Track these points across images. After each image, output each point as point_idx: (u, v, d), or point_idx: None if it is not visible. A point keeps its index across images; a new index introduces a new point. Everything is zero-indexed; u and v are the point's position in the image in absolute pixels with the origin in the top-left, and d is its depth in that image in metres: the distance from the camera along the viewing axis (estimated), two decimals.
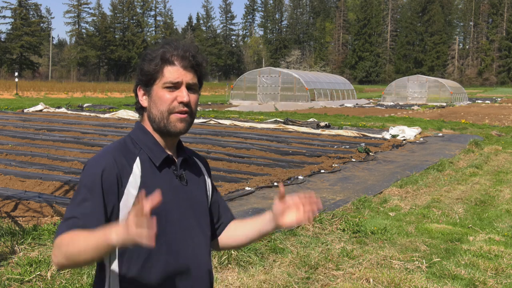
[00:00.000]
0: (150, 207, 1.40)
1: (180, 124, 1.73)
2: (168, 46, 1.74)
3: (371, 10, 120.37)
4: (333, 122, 21.22)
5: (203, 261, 1.80)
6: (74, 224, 1.57)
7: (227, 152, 12.07)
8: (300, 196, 1.78)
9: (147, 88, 1.75)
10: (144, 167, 1.71)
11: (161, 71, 1.72)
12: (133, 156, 1.72)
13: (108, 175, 1.65)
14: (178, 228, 1.74)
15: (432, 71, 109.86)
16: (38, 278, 4.36)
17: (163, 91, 1.72)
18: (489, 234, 6.33)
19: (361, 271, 4.86)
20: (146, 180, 1.70)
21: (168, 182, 1.75)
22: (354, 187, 8.85)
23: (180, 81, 1.72)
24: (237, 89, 39.62)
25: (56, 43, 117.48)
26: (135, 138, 1.77)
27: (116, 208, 1.66)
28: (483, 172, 10.86)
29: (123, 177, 1.67)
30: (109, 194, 1.64)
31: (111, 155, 1.70)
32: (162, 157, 1.74)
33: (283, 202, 1.78)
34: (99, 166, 1.66)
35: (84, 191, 1.64)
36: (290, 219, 1.78)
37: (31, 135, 14.18)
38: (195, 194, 1.83)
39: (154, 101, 1.74)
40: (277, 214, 1.80)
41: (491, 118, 25.71)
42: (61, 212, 6.34)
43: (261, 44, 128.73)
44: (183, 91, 1.72)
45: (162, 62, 1.72)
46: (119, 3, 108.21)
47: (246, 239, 1.95)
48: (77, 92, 50.02)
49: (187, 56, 1.73)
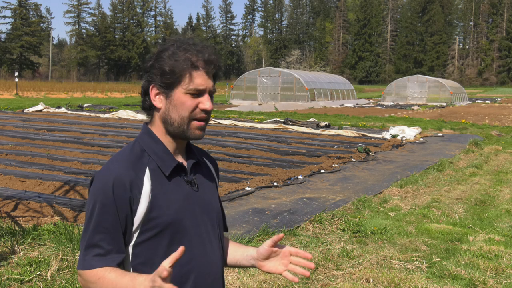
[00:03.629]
0: (172, 264, 1.42)
1: (200, 132, 1.69)
2: (190, 47, 1.67)
3: (371, 10, 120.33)
4: (333, 122, 21.22)
5: (217, 266, 1.78)
6: (97, 255, 1.60)
7: (227, 152, 12.07)
8: (293, 250, 1.76)
9: (167, 90, 1.67)
10: (153, 178, 1.66)
11: (187, 76, 1.65)
12: (143, 167, 1.66)
13: (118, 193, 1.61)
14: (192, 236, 1.71)
15: (432, 71, 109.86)
16: (38, 278, 4.36)
17: (186, 97, 1.65)
18: (489, 234, 6.33)
19: (361, 271, 4.86)
20: (156, 192, 1.66)
21: (178, 189, 1.70)
22: (354, 187, 8.84)
23: (205, 88, 1.66)
24: (237, 89, 39.61)
25: (56, 43, 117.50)
26: (144, 146, 1.71)
27: (130, 224, 1.64)
28: (483, 172, 10.86)
29: (134, 194, 1.63)
30: (122, 211, 1.62)
31: (120, 169, 1.64)
32: (172, 166, 1.69)
33: (273, 246, 1.76)
34: (108, 182, 1.62)
35: (98, 211, 1.61)
36: (273, 267, 1.77)
37: (31, 135, 14.18)
38: (207, 198, 1.79)
39: (174, 105, 1.67)
40: (261, 256, 1.78)
41: (491, 118, 25.70)
42: (61, 212, 6.34)
43: (261, 44, 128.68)
44: (206, 98, 1.67)
45: (189, 66, 1.65)
46: (119, 3, 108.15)
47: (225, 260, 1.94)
48: (77, 92, 50.02)
49: (212, 60, 1.67)
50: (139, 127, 17.40)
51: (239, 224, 6.20)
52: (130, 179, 1.62)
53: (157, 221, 1.64)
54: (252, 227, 6.10)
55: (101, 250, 1.60)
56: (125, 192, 1.61)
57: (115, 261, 1.61)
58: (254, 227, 6.12)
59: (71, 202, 6.75)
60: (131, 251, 1.67)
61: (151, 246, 1.64)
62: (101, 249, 1.60)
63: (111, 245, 1.61)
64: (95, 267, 1.59)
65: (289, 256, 1.77)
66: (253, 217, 6.55)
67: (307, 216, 6.69)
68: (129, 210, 1.62)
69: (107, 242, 1.61)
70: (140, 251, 1.65)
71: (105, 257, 1.60)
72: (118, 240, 1.62)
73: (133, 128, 17.09)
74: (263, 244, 1.79)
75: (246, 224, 6.24)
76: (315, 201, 7.64)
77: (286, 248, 1.78)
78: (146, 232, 1.64)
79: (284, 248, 1.78)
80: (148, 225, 1.64)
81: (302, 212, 6.94)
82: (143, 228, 1.64)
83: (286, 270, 1.76)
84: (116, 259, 1.61)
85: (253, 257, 1.82)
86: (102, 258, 1.60)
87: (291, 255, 1.77)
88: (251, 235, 5.68)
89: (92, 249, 1.61)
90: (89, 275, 1.59)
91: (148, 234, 1.64)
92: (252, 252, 1.83)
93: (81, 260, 1.62)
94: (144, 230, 1.64)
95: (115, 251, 1.61)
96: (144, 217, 1.63)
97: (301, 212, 6.90)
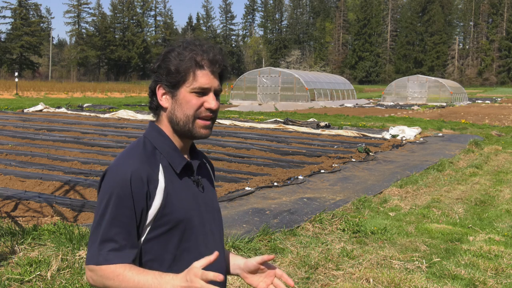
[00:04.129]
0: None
1: (205, 131, 1.71)
2: (196, 47, 1.69)
3: (371, 10, 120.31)
4: (333, 122, 21.22)
5: (221, 265, 1.79)
6: (112, 249, 1.58)
7: (227, 152, 12.07)
8: (279, 272, 1.78)
9: (172, 90, 1.69)
10: (166, 175, 1.68)
11: (191, 74, 1.67)
12: (156, 163, 1.67)
13: (136, 187, 1.61)
14: (199, 234, 1.72)
15: (432, 71, 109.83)
16: (38, 278, 4.36)
17: (191, 95, 1.67)
18: (489, 234, 6.33)
19: (361, 271, 4.86)
20: (169, 189, 1.67)
21: (187, 188, 1.73)
22: (354, 187, 8.84)
23: (209, 87, 1.68)
24: (237, 89, 39.62)
25: (56, 43, 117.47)
26: (154, 142, 1.71)
27: (144, 219, 1.64)
28: (483, 172, 10.86)
29: (151, 189, 1.63)
30: (139, 205, 1.62)
31: (136, 163, 1.64)
32: (182, 163, 1.71)
33: (262, 264, 1.78)
34: (126, 175, 1.61)
35: (114, 204, 1.60)
36: (255, 282, 1.79)
37: (31, 135, 14.18)
38: (210, 198, 1.82)
39: (180, 104, 1.68)
40: (247, 269, 1.80)
41: (491, 118, 25.70)
42: (61, 212, 6.34)
43: (261, 44, 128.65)
44: (211, 97, 1.69)
45: (193, 65, 1.67)
46: (119, 3, 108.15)
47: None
48: (77, 92, 50.03)
49: (217, 60, 1.69)
50: (139, 127, 17.40)
51: (239, 224, 6.20)
52: (147, 174, 1.63)
53: (169, 217, 1.65)
54: (252, 227, 6.10)
55: (116, 245, 1.59)
56: (142, 186, 1.62)
57: (130, 257, 1.60)
58: (254, 227, 6.12)
59: (71, 202, 6.75)
60: (142, 246, 1.67)
61: (161, 243, 1.65)
62: (116, 243, 1.59)
63: (126, 240, 1.60)
64: (112, 263, 1.57)
65: (273, 277, 1.78)
66: (253, 217, 6.55)
67: (307, 216, 6.69)
68: (145, 205, 1.63)
69: (122, 236, 1.59)
70: (150, 247, 1.66)
71: (121, 252, 1.58)
72: (133, 235, 1.62)
73: (133, 128, 17.09)
74: (252, 258, 1.80)
75: (246, 224, 6.24)
76: (315, 201, 7.64)
77: (272, 270, 1.79)
78: (157, 228, 1.65)
79: (271, 269, 1.79)
80: (160, 221, 1.65)
81: (302, 212, 6.94)
82: (155, 224, 1.65)
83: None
84: (131, 255, 1.60)
85: (240, 267, 1.84)
86: (118, 253, 1.58)
87: (276, 276, 1.79)
88: (251, 235, 5.67)
89: (107, 244, 1.59)
90: (106, 271, 1.57)
91: (159, 230, 1.65)
92: (239, 262, 1.85)
93: (95, 254, 1.59)
94: (155, 226, 1.65)
95: (129, 246, 1.60)
96: (157, 213, 1.64)
97: (301, 212, 6.90)
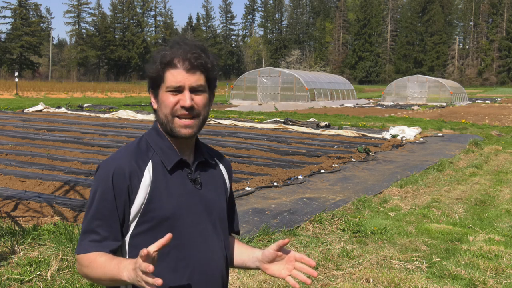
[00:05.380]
0: (157, 249, 1.44)
1: (185, 130, 1.71)
2: (170, 48, 1.71)
3: (371, 10, 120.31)
4: (333, 122, 21.22)
5: (216, 265, 1.78)
6: (92, 240, 1.66)
7: (227, 152, 12.07)
8: (298, 255, 1.77)
9: (155, 92, 1.74)
10: (155, 171, 1.70)
11: (163, 75, 1.69)
12: (146, 159, 1.71)
13: (117, 181, 1.67)
14: (191, 233, 1.72)
15: (432, 71, 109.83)
16: (38, 278, 4.36)
17: (167, 95, 1.69)
18: (489, 234, 6.33)
19: (361, 271, 4.86)
20: (157, 185, 1.69)
21: (180, 185, 1.73)
22: (354, 187, 8.85)
23: (182, 85, 1.68)
24: (237, 89, 39.62)
25: (56, 43, 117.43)
26: (150, 140, 1.76)
27: (127, 213, 1.69)
28: (483, 172, 10.86)
29: (133, 184, 1.67)
30: (120, 199, 1.67)
31: (123, 159, 1.70)
32: (174, 160, 1.73)
33: (278, 250, 1.78)
34: (109, 171, 1.68)
35: (98, 198, 1.68)
36: (277, 270, 1.79)
37: (31, 135, 14.18)
38: (210, 197, 1.80)
39: (160, 104, 1.72)
40: (266, 259, 1.80)
41: (491, 118, 25.70)
42: (61, 212, 6.34)
43: (261, 44, 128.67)
44: (185, 95, 1.69)
45: (164, 66, 1.68)
46: (119, 3, 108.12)
47: (231, 261, 1.96)
48: (77, 92, 50.02)
49: (188, 58, 1.68)
50: (139, 127, 17.40)
51: (239, 224, 6.20)
52: (130, 169, 1.68)
53: (155, 213, 1.68)
54: (252, 227, 6.10)
55: (97, 236, 1.66)
56: (124, 181, 1.66)
57: (109, 247, 1.65)
58: (254, 227, 6.12)
59: (71, 202, 6.75)
60: (129, 242, 1.70)
61: (148, 239, 1.65)
62: (98, 235, 1.66)
63: (108, 232, 1.66)
64: (88, 252, 1.64)
65: (293, 261, 1.78)
66: (253, 217, 6.55)
67: (307, 216, 6.69)
68: (127, 199, 1.67)
69: (103, 228, 1.66)
70: (137, 243, 1.68)
71: (101, 243, 1.65)
72: (114, 228, 1.67)
73: (133, 128, 17.09)
74: (269, 247, 1.80)
75: (246, 224, 6.24)
76: (315, 201, 7.64)
77: (291, 254, 1.79)
78: (143, 224, 1.68)
79: (290, 253, 1.79)
80: (146, 216, 1.68)
81: (302, 212, 6.94)
82: (140, 219, 1.68)
83: (289, 275, 1.77)
84: (110, 246, 1.66)
85: (258, 259, 1.84)
86: (97, 243, 1.65)
87: (296, 261, 1.78)
88: (251, 235, 5.68)
89: (89, 235, 1.67)
90: (83, 258, 1.65)
91: (145, 225, 1.68)
92: (258, 254, 1.85)
93: (78, 245, 1.68)
94: (141, 222, 1.68)
95: (111, 238, 1.66)
96: (142, 208, 1.67)
97: (301, 212, 6.90)
